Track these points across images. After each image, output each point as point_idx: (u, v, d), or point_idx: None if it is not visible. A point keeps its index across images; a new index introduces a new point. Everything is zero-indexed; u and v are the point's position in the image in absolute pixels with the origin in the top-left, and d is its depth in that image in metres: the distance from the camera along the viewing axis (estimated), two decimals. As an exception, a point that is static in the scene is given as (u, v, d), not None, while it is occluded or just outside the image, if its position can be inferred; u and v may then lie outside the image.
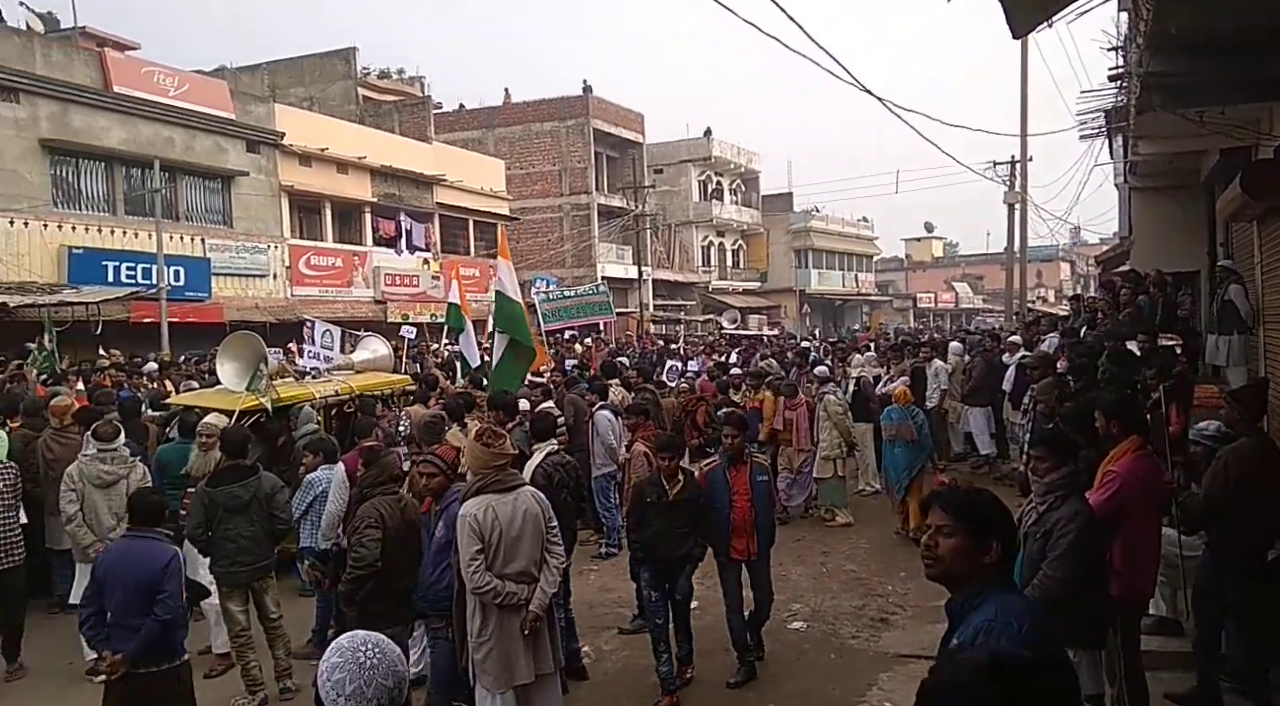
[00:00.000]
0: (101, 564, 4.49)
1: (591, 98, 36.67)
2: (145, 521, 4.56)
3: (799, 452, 9.83)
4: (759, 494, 5.90)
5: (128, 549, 4.50)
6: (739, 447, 5.95)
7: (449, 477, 4.91)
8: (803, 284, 49.52)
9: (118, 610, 4.34)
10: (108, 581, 4.38)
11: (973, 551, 2.39)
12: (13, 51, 17.14)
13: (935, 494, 2.57)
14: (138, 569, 4.35)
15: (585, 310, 19.86)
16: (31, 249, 17.02)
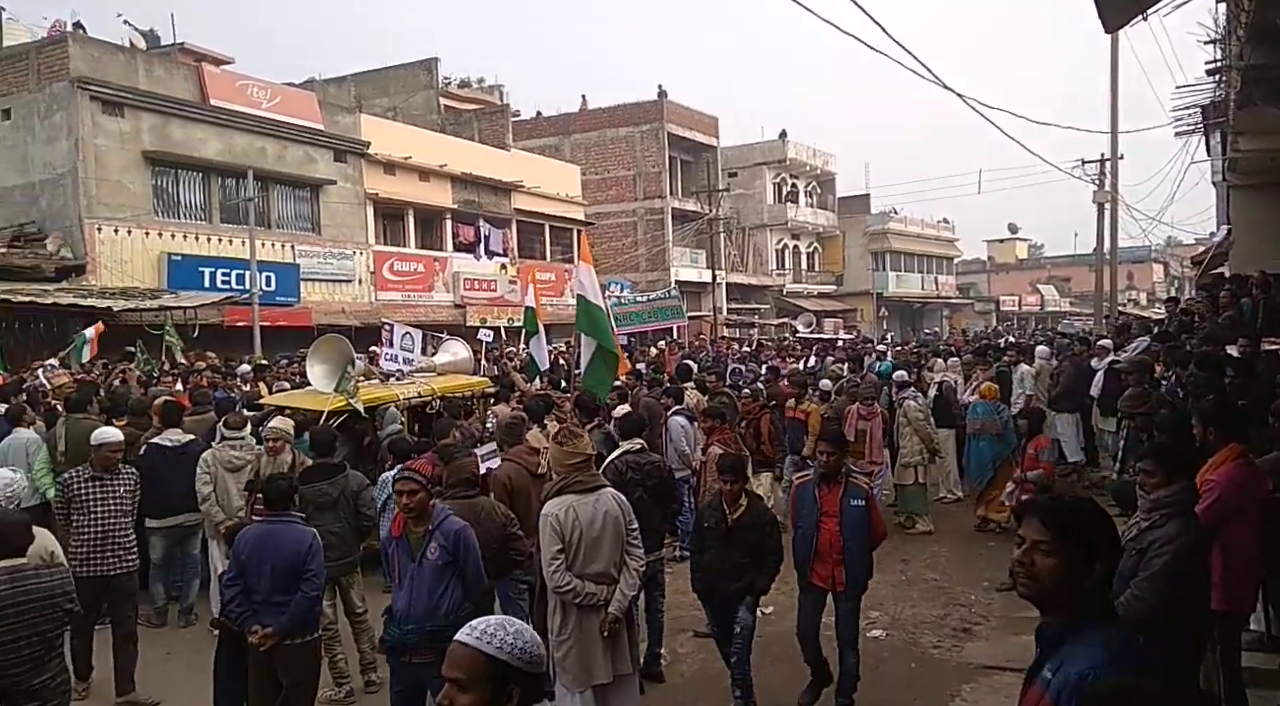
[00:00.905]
0: (243, 547, 4.74)
1: (666, 102, 36.80)
2: (277, 505, 4.85)
3: (872, 465, 9.27)
4: (850, 519, 5.28)
5: (268, 532, 4.77)
6: (834, 466, 5.37)
7: (429, 492, 4.53)
8: (880, 287, 48.69)
9: (265, 588, 4.65)
10: (251, 562, 4.68)
11: (1073, 574, 2.13)
12: (118, 68, 18.09)
13: (1034, 504, 2.28)
14: (281, 550, 4.66)
15: (657, 315, 19.90)
16: (134, 256, 17.92)
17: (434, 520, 4.44)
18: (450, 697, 2.03)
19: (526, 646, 2.07)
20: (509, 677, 2.04)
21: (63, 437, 7.50)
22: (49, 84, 17.38)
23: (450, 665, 2.06)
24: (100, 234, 17.38)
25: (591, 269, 9.47)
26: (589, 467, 4.97)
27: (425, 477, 4.49)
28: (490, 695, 2.02)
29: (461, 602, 4.37)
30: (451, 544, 4.37)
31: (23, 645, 3.66)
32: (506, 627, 2.09)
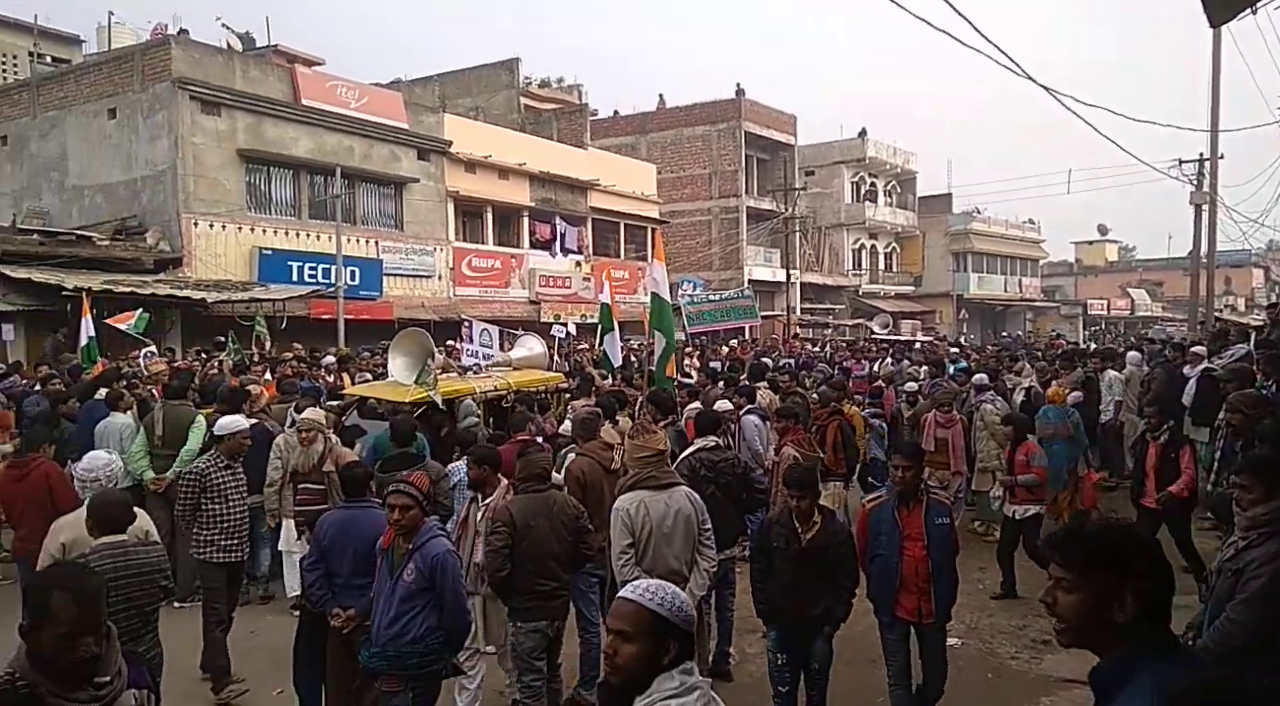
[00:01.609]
0: (325, 532, 4.84)
1: (744, 101, 36.59)
2: (355, 491, 4.99)
3: (955, 476, 8.86)
4: (937, 540, 4.80)
5: (350, 517, 4.87)
6: (912, 483, 4.84)
7: (424, 510, 4.28)
8: (960, 288, 47.51)
9: (346, 571, 4.74)
10: (333, 547, 4.78)
11: (1100, 608, 1.93)
12: (216, 69, 18.86)
13: (1051, 539, 2.10)
14: (362, 534, 4.72)
15: (730, 314, 19.81)
16: (228, 250, 18.66)
17: (418, 539, 4.19)
18: (615, 647, 2.27)
19: (684, 606, 2.31)
20: (668, 633, 2.25)
21: (160, 422, 7.79)
22: (152, 85, 18.22)
23: (616, 618, 2.30)
24: (196, 228, 18.15)
25: (664, 267, 9.50)
26: (663, 463, 4.98)
27: (420, 492, 4.26)
28: (651, 648, 2.24)
29: (432, 631, 4.16)
30: (429, 568, 4.12)
31: (121, 617, 3.85)
32: (666, 588, 2.34)
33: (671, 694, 2.23)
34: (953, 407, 9.26)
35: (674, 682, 2.24)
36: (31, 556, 5.55)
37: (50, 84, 20.37)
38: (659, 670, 2.26)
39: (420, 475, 4.55)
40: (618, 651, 2.26)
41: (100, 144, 19.11)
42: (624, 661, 2.26)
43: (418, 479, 4.36)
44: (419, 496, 4.23)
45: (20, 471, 6.16)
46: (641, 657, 2.25)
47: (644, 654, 2.24)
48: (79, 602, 2.39)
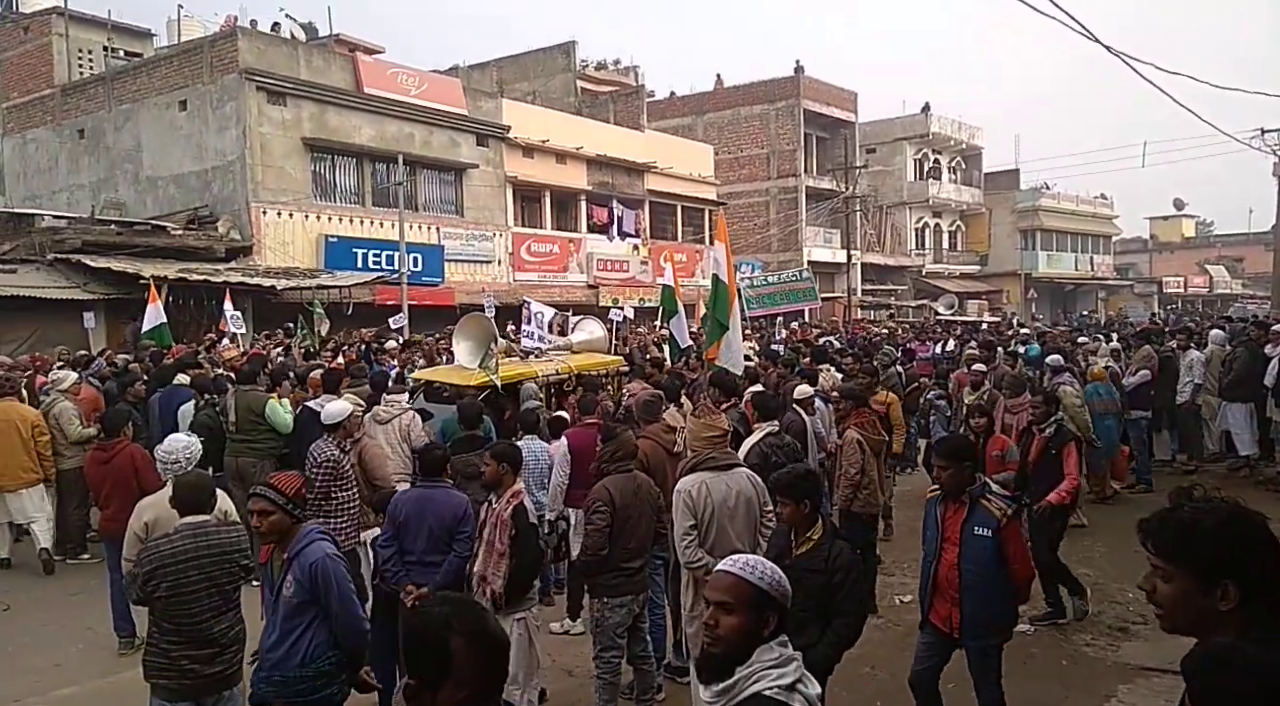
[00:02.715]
0: (401, 509, 4.96)
1: (803, 78, 36.03)
2: (432, 473, 5.12)
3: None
4: (971, 551, 4.28)
5: (427, 495, 5.01)
6: (950, 484, 4.39)
7: (290, 515, 3.82)
8: (1029, 267, 46.24)
9: (420, 549, 4.87)
10: (408, 525, 4.91)
11: (1197, 597, 1.85)
12: (281, 60, 19.23)
13: (1143, 526, 2.00)
14: (438, 513, 4.88)
15: (790, 297, 19.61)
16: (295, 237, 19.09)
17: (293, 547, 3.76)
18: (716, 618, 2.31)
19: (781, 581, 2.37)
20: (767, 607, 2.31)
21: (233, 408, 8.00)
22: (220, 76, 18.67)
23: (716, 589, 2.34)
24: (265, 217, 18.59)
25: (726, 248, 9.42)
26: (725, 445, 4.96)
27: (284, 496, 3.79)
28: (751, 620, 2.29)
29: (324, 650, 3.69)
30: (308, 579, 3.65)
31: (202, 595, 3.98)
32: (764, 563, 2.39)
33: (772, 663, 2.29)
34: (1021, 392, 8.50)
35: (773, 654, 2.30)
36: (117, 536, 5.79)
37: (124, 78, 21.02)
38: (759, 641, 2.31)
39: (287, 476, 4.00)
40: (719, 622, 2.30)
41: (172, 135, 19.67)
42: (725, 632, 2.31)
43: (282, 479, 3.90)
44: (281, 500, 3.77)
45: (106, 454, 6.41)
46: (742, 629, 2.30)
47: (744, 626, 2.29)
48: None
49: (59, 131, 22.23)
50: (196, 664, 3.99)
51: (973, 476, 4.43)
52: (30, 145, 23.01)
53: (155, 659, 4.01)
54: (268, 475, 7.82)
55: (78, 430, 8.25)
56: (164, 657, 3.98)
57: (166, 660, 3.98)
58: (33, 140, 22.93)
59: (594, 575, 4.94)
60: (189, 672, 3.98)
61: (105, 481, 6.38)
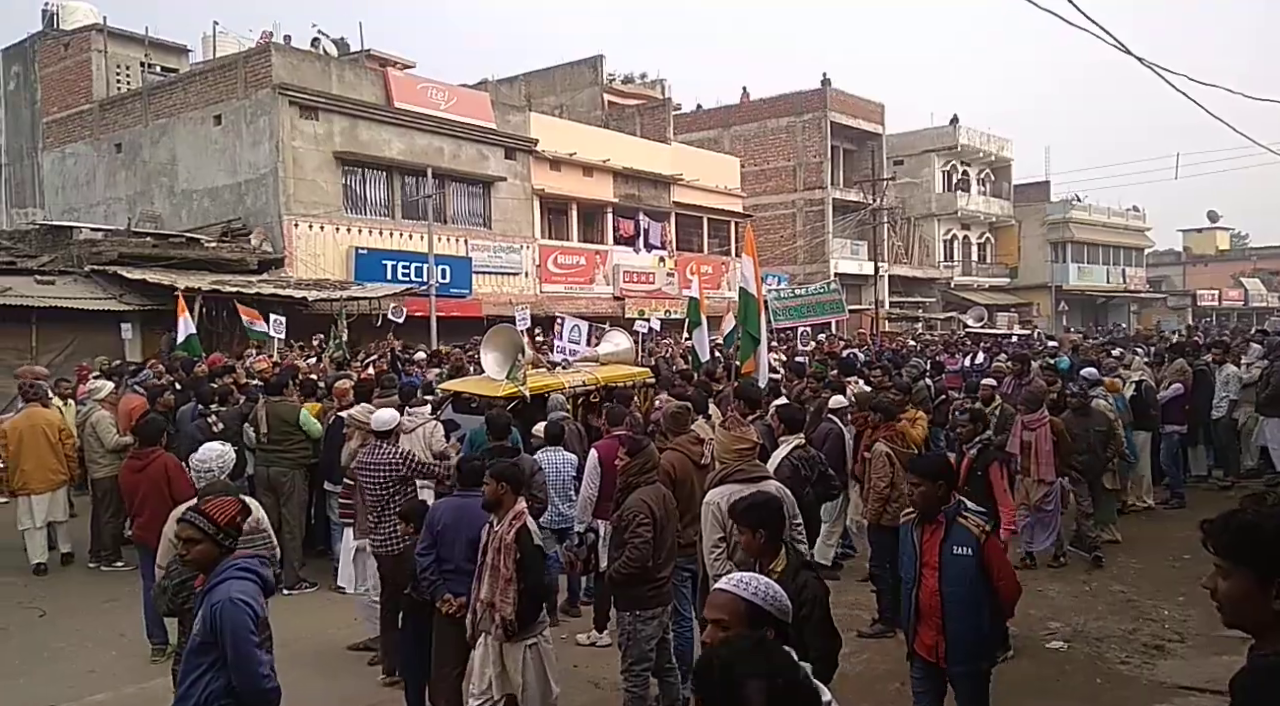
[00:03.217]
0: (438, 519, 5.02)
1: (830, 90, 35.99)
2: (472, 483, 5.11)
3: (1039, 485, 7.93)
4: (951, 573, 4.05)
5: (464, 505, 5.02)
6: (923, 502, 4.19)
7: (219, 545, 3.53)
8: (1059, 279, 45.74)
9: (457, 558, 4.89)
10: (445, 534, 4.95)
11: (1255, 595, 1.96)
12: (314, 75, 19.52)
13: (1206, 526, 2.11)
14: (475, 523, 4.86)
15: (817, 309, 19.52)
16: (325, 249, 19.31)
17: (210, 580, 3.49)
18: (713, 637, 2.36)
19: (778, 597, 2.40)
20: (764, 622, 2.35)
21: (263, 418, 8.10)
22: (254, 91, 18.97)
23: (712, 607, 2.39)
24: (296, 229, 18.83)
25: (753, 261, 9.41)
26: (753, 457, 4.96)
27: (214, 524, 3.52)
28: None
29: (218, 698, 3.36)
30: (209, 619, 3.38)
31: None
32: (760, 580, 2.43)
33: None
34: (1039, 408, 8.19)
35: None
36: (150, 544, 5.87)
37: (160, 93, 21.42)
38: None
39: (221, 501, 3.71)
40: (715, 640, 2.33)
41: (207, 149, 20.00)
42: None
43: (213, 506, 3.62)
44: (211, 528, 3.50)
45: (141, 462, 6.50)
46: None
47: None
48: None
49: (97, 145, 22.69)
50: None
51: (948, 495, 4.20)
52: (69, 159, 23.51)
53: None
54: (299, 486, 7.99)
55: (114, 439, 8.39)
56: None
57: None
58: (71, 154, 23.43)
59: (629, 588, 4.92)
60: None
61: (138, 490, 6.47)
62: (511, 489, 4.69)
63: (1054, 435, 7.99)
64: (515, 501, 4.69)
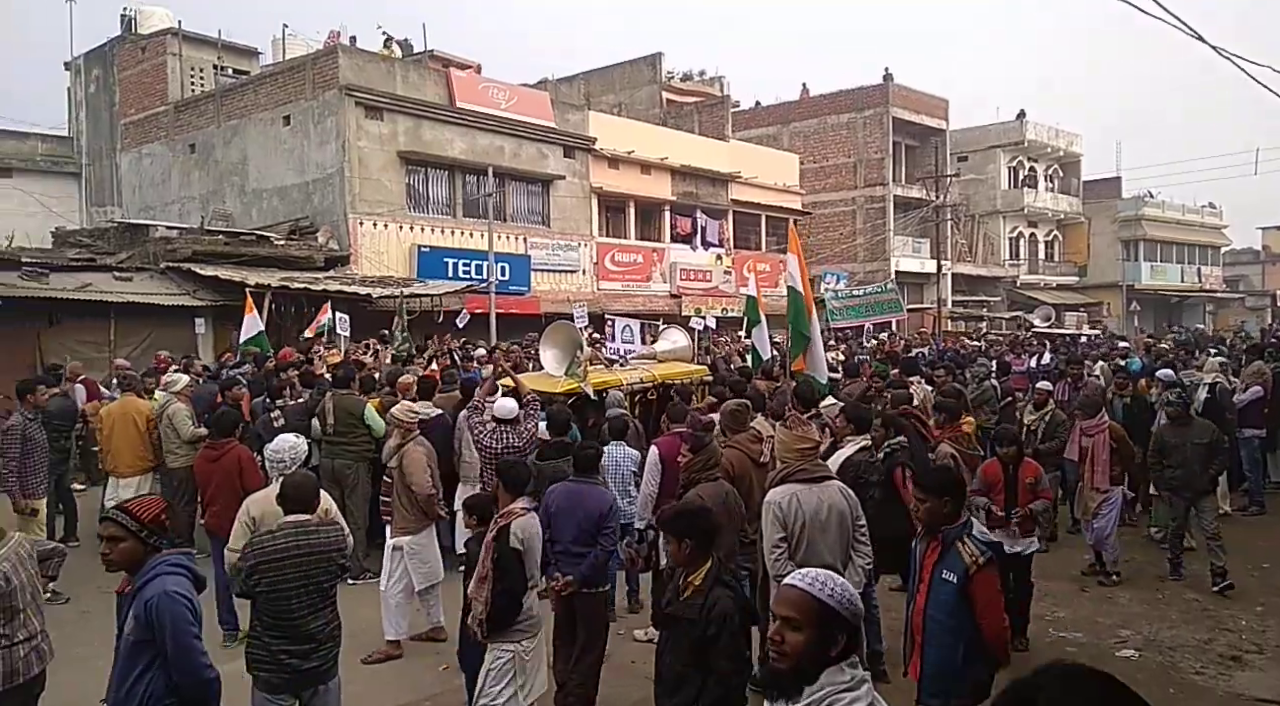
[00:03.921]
0: (553, 501, 5.28)
1: (892, 86, 35.42)
2: (586, 469, 5.45)
3: (1096, 493, 7.61)
4: (935, 597, 3.81)
5: (577, 490, 5.32)
6: (932, 518, 3.93)
7: (144, 543, 3.45)
8: (1131, 278, 44.35)
9: (567, 539, 5.15)
10: (558, 517, 5.20)
11: None
12: (379, 76, 19.89)
13: None
14: (586, 507, 5.17)
15: (875, 309, 19.26)
16: (389, 247, 19.68)
17: (139, 579, 3.42)
18: (781, 634, 2.26)
19: (852, 599, 2.28)
20: (835, 625, 2.24)
21: (330, 411, 8.28)
22: (321, 92, 19.41)
23: (783, 603, 2.29)
24: (361, 227, 19.22)
25: (799, 259, 9.32)
26: (815, 456, 4.91)
27: (138, 521, 3.45)
28: (818, 637, 2.23)
29: (160, 699, 3.31)
30: (145, 616, 3.32)
31: (300, 592, 4.13)
32: (835, 580, 2.31)
33: (845, 687, 2.21)
34: (1100, 412, 7.94)
35: (844, 677, 2.23)
36: (222, 532, 6.07)
37: (232, 95, 22.06)
38: (827, 662, 2.23)
39: (146, 500, 3.67)
40: (785, 638, 2.25)
41: (276, 149, 20.54)
42: (791, 649, 2.24)
43: (141, 504, 3.57)
44: (134, 525, 3.43)
45: (216, 453, 6.72)
46: (808, 646, 2.23)
47: (811, 643, 2.23)
48: None
49: (172, 146, 23.46)
50: (295, 658, 4.14)
51: (955, 514, 3.95)
52: (146, 159, 24.36)
53: (257, 651, 4.18)
54: (362, 478, 8.16)
55: (189, 430, 8.67)
56: (265, 651, 4.14)
57: (267, 653, 4.14)
58: (148, 155, 24.27)
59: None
60: (287, 666, 4.13)
61: (212, 479, 6.69)
62: (506, 487, 4.78)
63: (1113, 441, 7.71)
64: (510, 500, 4.75)
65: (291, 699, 4.17)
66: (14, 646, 3.95)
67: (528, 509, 4.75)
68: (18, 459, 7.62)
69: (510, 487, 4.80)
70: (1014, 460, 6.42)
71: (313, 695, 4.23)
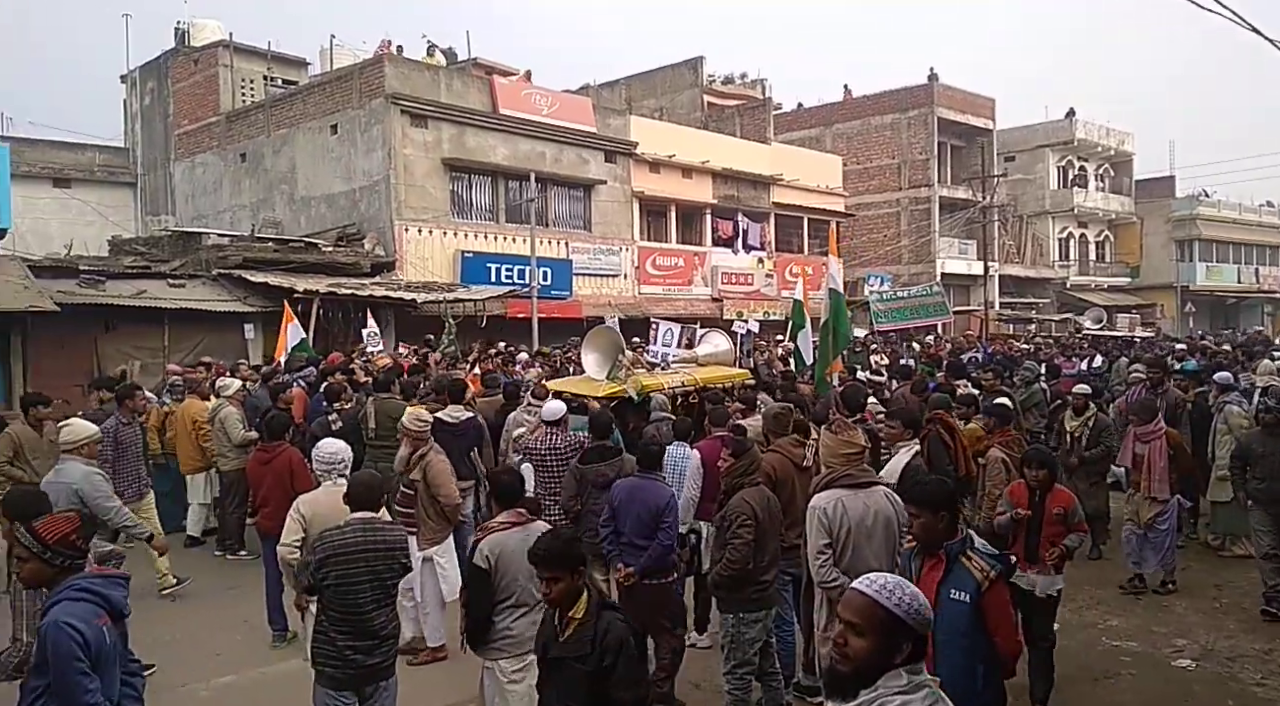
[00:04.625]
0: (617, 495, 5.55)
1: (937, 86, 34.99)
2: (650, 465, 5.67)
3: (1152, 503, 7.32)
4: (945, 617, 3.52)
5: (640, 485, 5.56)
6: (928, 535, 3.75)
7: (47, 563, 3.34)
8: (1186, 279, 43.24)
9: (629, 531, 5.41)
10: (622, 509, 5.47)
11: None
12: (424, 84, 20.15)
13: None
14: (647, 501, 5.40)
15: (920, 312, 19.07)
16: (434, 253, 19.91)
17: (47, 602, 3.31)
18: (845, 638, 2.24)
19: (920, 607, 2.24)
20: (901, 634, 2.20)
21: (372, 415, 8.36)
22: (368, 101, 19.73)
23: (848, 608, 2.25)
24: (406, 234, 19.48)
25: (839, 261, 9.25)
26: (862, 461, 4.85)
27: (40, 543, 3.32)
28: (881, 645, 2.20)
29: None
30: (39, 643, 3.21)
31: (366, 587, 4.20)
32: (904, 587, 2.26)
33: (899, 690, 2.20)
34: (1154, 418, 7.63)
35: (902, 680, 2.21)
36: (273, 533, 6.17)
37: (281, 104, 22.52)
38: (889, 667, 2.22)
39: (54, 519, 3.48)
40: (849, 642, 2.23)
41: (324, 158, 20.91)
42: (854, 653, 2.23)
43: (46, 525, 3.40)
44: (35, 547, 3.32)
45: (268, 455, 6.85)
46: (871, 653, 2.21)
47: (874, 649, 2.21)
48: None
49: (223, 155, 24.02)
50: (359, 653, 4.19)
51: (952, 529, 3.78)
52: (198, 168, 24.96)
53: (323, 647, 4.22)
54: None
55: (240, 434, 8.85)
56: (331, 646, 4.19)
57: (333, 648, 4.18)
58: (200, 164, 24.87)
59: (733, 590, 4.90)
60: (352, 662, 4.18)
61: (264, 481, 6.81)
62: (496, 498, 4.58)
63: (1170, 448, 7.41)
64: (499, 511, 4.48)
65: (353, 695, 4.22)
66: None
67: (508, 524, 4.35)
68: (110, 461, 7.64)
69: (499, 499, 4.53)
70: (1044, 486, 5.48)
71: (374, 691, 4.29)
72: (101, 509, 5.98)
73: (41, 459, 7.66)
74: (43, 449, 7.73)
